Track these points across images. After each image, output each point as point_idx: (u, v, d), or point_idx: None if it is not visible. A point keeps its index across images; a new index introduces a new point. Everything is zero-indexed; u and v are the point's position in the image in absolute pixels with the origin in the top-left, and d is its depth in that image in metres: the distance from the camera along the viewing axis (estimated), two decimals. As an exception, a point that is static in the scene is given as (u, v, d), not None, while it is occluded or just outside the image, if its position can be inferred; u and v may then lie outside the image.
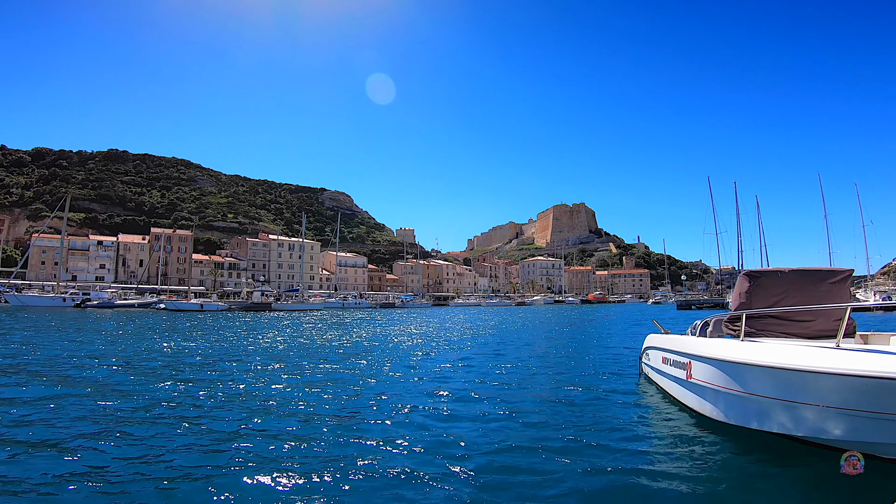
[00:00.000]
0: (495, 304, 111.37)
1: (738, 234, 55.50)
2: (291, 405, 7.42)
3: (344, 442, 5.56)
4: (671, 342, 7.38)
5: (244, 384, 9.16)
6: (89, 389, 8.35)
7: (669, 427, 6.15)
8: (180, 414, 6.76)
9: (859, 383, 3.88)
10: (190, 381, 9.42)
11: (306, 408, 7.27)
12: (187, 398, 7.84)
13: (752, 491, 4.25)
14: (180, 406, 7.27)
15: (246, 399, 7.82)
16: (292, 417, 6.66)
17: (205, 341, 18.64)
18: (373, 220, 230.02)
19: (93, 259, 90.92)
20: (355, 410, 7.15)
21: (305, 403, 7.54)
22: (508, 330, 27.29)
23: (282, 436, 5.77)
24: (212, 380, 9.70)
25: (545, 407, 7.42)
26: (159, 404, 7.32)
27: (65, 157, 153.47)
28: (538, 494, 4.14)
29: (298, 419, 6.55)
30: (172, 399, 7.75)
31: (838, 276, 6.61)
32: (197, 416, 6.69)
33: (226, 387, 8.83)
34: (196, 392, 8.32)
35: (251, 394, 8.27)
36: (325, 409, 7.17)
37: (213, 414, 6.82)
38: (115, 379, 9.63)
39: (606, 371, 11.05)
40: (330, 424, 6.28)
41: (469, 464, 4.82)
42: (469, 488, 4.24)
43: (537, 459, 4.98)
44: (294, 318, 41.19)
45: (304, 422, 6.42)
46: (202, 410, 7.02)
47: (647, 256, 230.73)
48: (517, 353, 15.23)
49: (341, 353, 15.02)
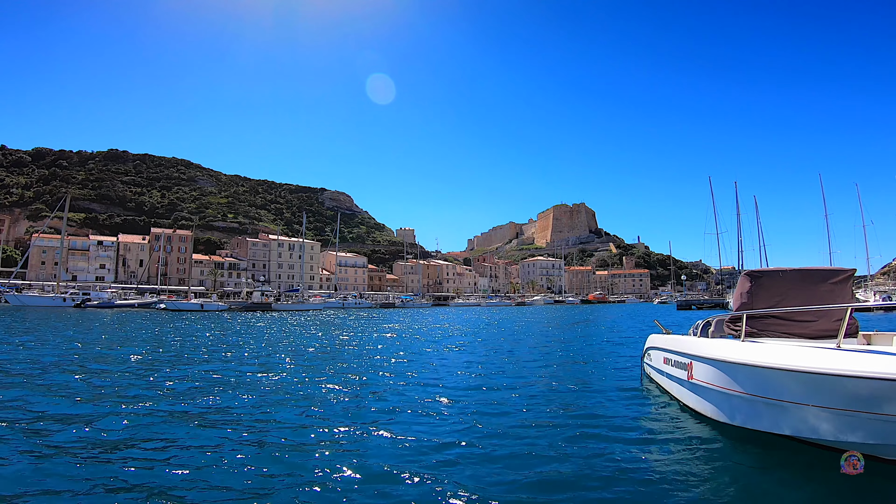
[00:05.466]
0: (495, 304, 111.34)
1: (739, 234, 55.56)
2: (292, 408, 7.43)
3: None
4: (672, 342, 7.37)
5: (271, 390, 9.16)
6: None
7: (670, 427, 6.15)
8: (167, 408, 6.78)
9: (858, 384, 3.86)
10: (194, 381, 9.42)
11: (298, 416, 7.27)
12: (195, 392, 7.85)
13: (752, 491, 4.24)
14: (169, 396, 7.28)
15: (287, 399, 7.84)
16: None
17: (215, 340, 18.64)
18: (373, 220, 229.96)
19: (93, 259, 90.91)
20: (353, 411, 7.15)
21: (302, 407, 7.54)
22: (509, 330, 27.26)
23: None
24: (218, 380, 9.70)
25: (546, 406, 7.40)
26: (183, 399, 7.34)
27: (65, 157, 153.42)
28: (539, 493, 4.14)
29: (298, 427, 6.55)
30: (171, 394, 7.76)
31: (840, 276, 6.57)
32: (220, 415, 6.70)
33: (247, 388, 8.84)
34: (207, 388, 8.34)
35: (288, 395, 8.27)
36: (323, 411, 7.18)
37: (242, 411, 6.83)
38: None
39: (608, 371, 11.05)
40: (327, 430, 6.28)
41: (468, 462, 4.82)
42: (468, 487, 4.23)
43: (537, 458, 4.98)
44: (290, 318, 41.19)
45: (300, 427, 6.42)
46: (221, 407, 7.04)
47: (647, 256, 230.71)
48: (518, 353, 15.22)
49: (341, 354, 15.01)
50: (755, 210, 68.55)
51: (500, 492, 4.18)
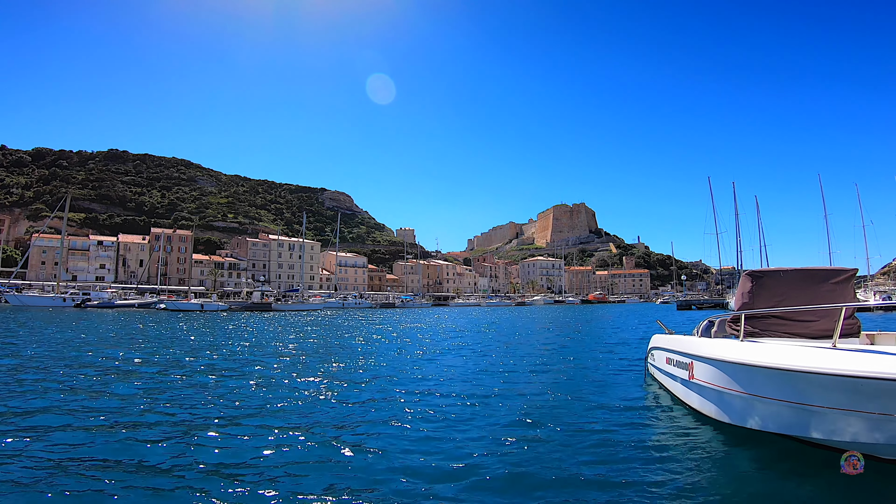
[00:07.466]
0: (495, 304, 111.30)
1: (737, 235, 55.79)
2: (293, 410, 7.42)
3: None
4: (674, 343, 7.37)
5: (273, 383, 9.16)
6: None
7: (672, 427, 6.15)
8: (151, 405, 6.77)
9: (854, 383, 3.85)
10: (193, 384, 9.42)
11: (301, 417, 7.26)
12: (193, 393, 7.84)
13: (752, 491, 4.24)
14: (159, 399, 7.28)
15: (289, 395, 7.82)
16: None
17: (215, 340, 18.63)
18: (373, 220, 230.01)
19: (93, 259, 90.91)
20: (349, 412, 7.15)
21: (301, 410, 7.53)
22: (509, 330, 27.24)
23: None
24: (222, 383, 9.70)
25: (546, 405, 7.40)
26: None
27: (65, 157, 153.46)
28: (538, 492, 4.14)
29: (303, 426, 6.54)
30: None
31: (842, 276, 6.53)
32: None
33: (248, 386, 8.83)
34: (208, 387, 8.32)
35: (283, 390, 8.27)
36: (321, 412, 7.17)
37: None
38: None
39: (611, 371, 11.03)
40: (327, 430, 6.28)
41: (465, 462, 4.83)
42: (466, 484, 4.24)
43: (538, 457, 4.98)
44: (290, 318, 41.18)
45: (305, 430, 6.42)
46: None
47: (647, 256, 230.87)
48: (518, 353, 15.20)
49: (340, 354, 15.02)
50: (756, 210, 68.72)
51: (498, 486, 4.19)
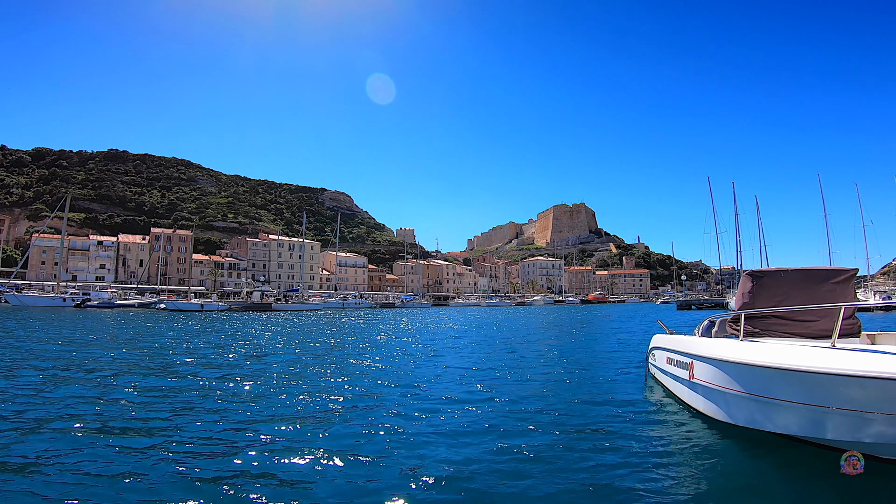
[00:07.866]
0: (495, 304, 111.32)
1: (737, 235, 55.68)
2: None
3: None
4: (675, 342, 7.37)
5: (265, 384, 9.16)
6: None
7: (672, 427, 6.15)
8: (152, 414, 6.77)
9: (852, 383, 3.84)
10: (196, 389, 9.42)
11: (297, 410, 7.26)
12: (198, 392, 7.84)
13: (752, 491, 4.24)
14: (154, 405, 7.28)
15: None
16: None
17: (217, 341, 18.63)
18: (373, 220, 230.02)
19: (93, 259, 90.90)
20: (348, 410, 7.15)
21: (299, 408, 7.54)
22: (509, 330, 27.24)
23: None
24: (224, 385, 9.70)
25: (548, 405, 7.39)
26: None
27: (65, 157, 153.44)
28: (539, 492, 4.14)
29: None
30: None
31: (842, 276, 6.52)
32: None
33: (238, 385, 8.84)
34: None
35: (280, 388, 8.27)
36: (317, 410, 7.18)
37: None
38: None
39: (612, 371, 11.02)
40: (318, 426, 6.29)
41: (466, 462, 4.82)
42: (466, 485, 4.24)
43: (538, 456, 4.98)
44: (289, 318, 41.17)
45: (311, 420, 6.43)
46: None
47: (647, 256, 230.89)
48: (518, 353, 15.19)
49: (339, 353, 15.02)
50: (756, 210, 68.63)
51: (496, 484, 4.19)
